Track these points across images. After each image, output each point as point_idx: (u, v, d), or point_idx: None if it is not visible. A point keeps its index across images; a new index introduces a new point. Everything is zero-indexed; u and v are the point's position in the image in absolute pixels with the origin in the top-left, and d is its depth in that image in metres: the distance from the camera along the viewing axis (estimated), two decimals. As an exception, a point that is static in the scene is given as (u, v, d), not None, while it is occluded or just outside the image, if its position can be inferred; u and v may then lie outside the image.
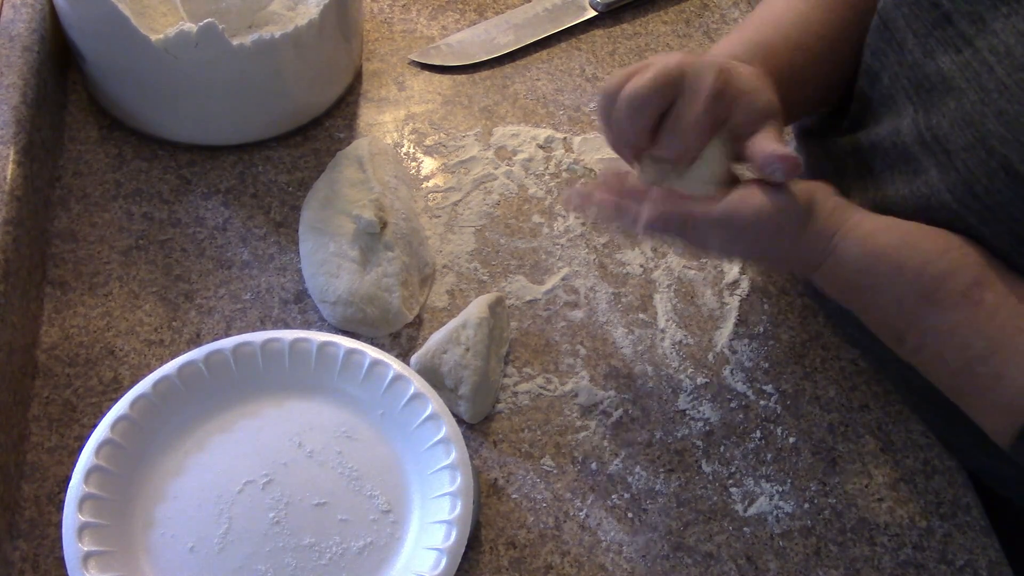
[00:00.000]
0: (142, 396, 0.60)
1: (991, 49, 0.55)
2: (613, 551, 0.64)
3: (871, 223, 0.59)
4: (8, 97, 0.73)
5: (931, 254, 0.57)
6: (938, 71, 0.58)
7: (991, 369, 0.55)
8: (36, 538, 0.62)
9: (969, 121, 0.55)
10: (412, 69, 0.90)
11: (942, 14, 0.58)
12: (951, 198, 0.57)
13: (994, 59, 0.54)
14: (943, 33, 0.58)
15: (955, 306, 0.56)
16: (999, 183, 0.54)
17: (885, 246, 0.58)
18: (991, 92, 0.54)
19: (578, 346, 0.73)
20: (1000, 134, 0.53)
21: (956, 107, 0.56)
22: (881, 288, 0.58)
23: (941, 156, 0.57)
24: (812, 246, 0.59)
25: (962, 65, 0.56)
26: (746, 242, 0.59)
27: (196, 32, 0.72)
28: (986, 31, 0.55)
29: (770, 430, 0.70)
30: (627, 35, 0.94)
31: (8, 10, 0.80)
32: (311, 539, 0.58)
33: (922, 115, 0.59)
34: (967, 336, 0.56)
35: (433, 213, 0.80)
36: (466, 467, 0.59)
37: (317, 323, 0.72)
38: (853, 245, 0.58)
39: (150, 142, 0.81)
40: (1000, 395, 0.55)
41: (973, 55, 0.56)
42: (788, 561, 0.65)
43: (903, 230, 0.58)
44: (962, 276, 0.56)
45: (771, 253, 0.60)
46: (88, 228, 0.76)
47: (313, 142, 0.83)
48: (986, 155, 0.54)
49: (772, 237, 0.58)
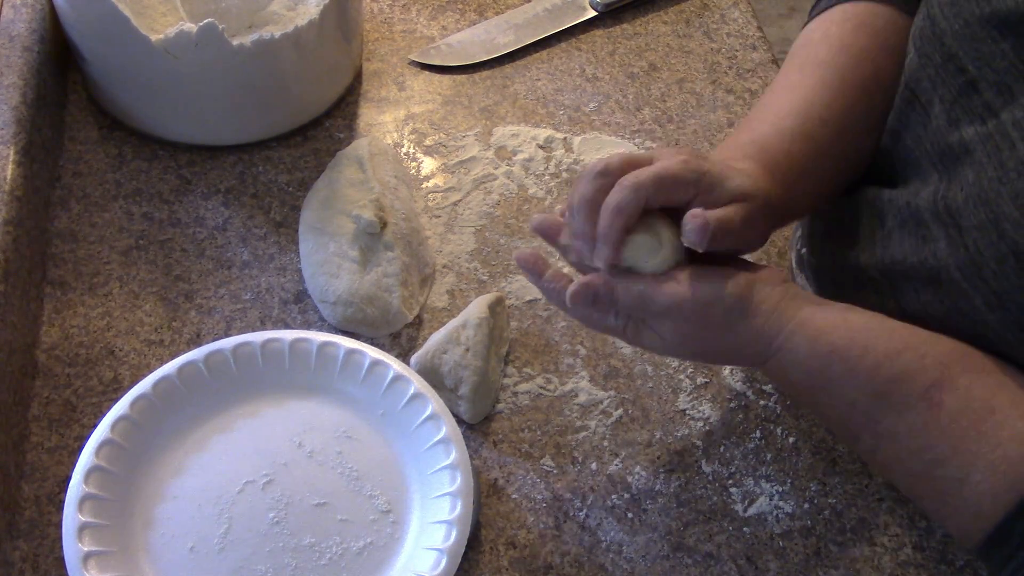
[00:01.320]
0: (142, 396, 0.60)
1: (1015, 123, 0.51)
2: (613, 551, 0.64)
3: (821, 319, 0.55)
4: (8, 97, 0.73)
5: (884, 356, 0.54)
6: (961, 141, 0.55)
7: (952, 473, 0.52)
8: (36, 538, 0.62)
9: (984, 199, 0.52)
10: (412, 69, 0.90)
11: (968, 81, 0.55)
12: (960, 276, 0.54)
13: (1017, 134, 0.51)
14: (969, 102, 0.55)
15: (912, 408, 0.53)
16: (1008, 269, 0.51)
17: (835, 347, 0.54)
18: (1009, 171, 0.51)
19: (578, 346, 0.73)
20: (1014, 217, 0.50)
21: (974, 181, 0.53)
22: (833, 390, 0.55)
23: (952, 230, 0.54)
24: (756, 342, 0.56)
25: (984, 137, 0.53)
26: (674, 334, 0.56)
27: (196, 32, 0.72)
28: (1013, 104, 0.52)
29: (770, 430, 0.70)
30: (627, 35, 0.94)
31: (8, 10, 0.80)
32: (311, 539, 0.58)
33: (944, 186, 0.56)
34: (926, 439, 0.53)
35: (433, 213, 0.80)
36: (466, 467, 0.59)
37: (317, 323, 0.72)
38: (802, 343, 0.55)
39: (150, 142, 0.81)
40: (964, 500, 0.52)
41: (996, 127, 0.52)
42: (788, 561, 0.65)
43: (856, 327, 0.55)
44: (920, 378, 0.53)
45: (706, 346, 0.57)
46: (88, 228, 0.76)
47: (313, 142, 0.83)
48: (997, 237, 0.51)
49: (699, 329, 0.55)
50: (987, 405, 0.52)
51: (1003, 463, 0.50)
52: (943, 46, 0.56)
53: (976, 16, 0.54)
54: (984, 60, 0.54)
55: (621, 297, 0.56)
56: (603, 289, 0.56)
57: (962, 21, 0.55)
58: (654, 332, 0.57)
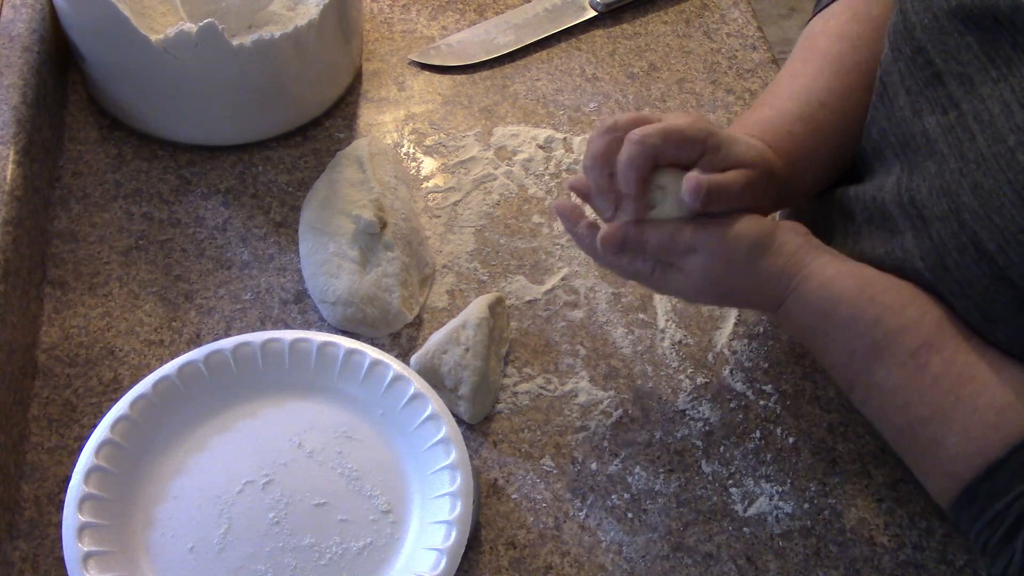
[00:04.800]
0: (142, 396, 0.60)
1: (975, 115, 0.53)
2: (613, 551, 0.64)
3: (835, 267, 0.58)
4: (8, 97, 0.74)
5: (888, 308, 0.56)
6: (924, 132, 0.57)
7: (931, 433, 0.55)
8: (36, 538, 0.62)
9: (946, 190, 0.54)
10: (412, 69, 0.90)
11: (934, 73, 0.56)
12: (924, 266, 0.56)
13: (977, 127, 0.53)
14: (934, 93, 0.56)
15: (902, 365, 0.55)
16: (968, 259, 0.53)
17: (844, 293, 0.57)
18: (970, 162, 0.52)
19: (578, 346, 0.73)
20: (973, 208, 0.52)
21: (936, 172, 0.55)
22: (835, 335, 0.58)
23: (917, 221, 0.56)
24: (772, 284, 0.58)
25: (946, 128, 0.55)
26: (699, 271, 0.58)
27: (196, 32, 0.72)
28: (973, 95, 0.54)
29: (770, 430, 0.70)
30: (627, 35, 0.94)
31: (8, 10, 0.80)
32: (311, 539, 0.58)
33: (905, 176, 0.58)
34: (909, 397, 0.55)
35: (433, 213, 0.80)
36: (466, 467, 0.59)
37: (317, 323, 0.72)
38: (814, 288, 0.57)
39: (150, 142, 0.81)
40: (939, 459, 0.55)
41: (958, 119, 0.54)
42: (788, 561, 0.65)
43: (865, 279, 0.58)
44: (914, 335, 0.55)
45: (727, 286, 0.59)
46: (88, 228, 0.76)
47: (313, 142, 0.83)
48: (958, 228, 0.53)
49: (722, 264, 0.58)
50: (968, 372, 0.54)
51: (976, 429, 0.53)
52: (913, 40, 0.58)
53: (944, 10, 0.56)
54: (950, 53, 0.55)
55: (650, 238, 0.58)
56: (632, 232, 0.58)
57: (931, 15, 0.57)
58: (680, 271, 0.59)
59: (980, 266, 0.52)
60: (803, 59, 0.69)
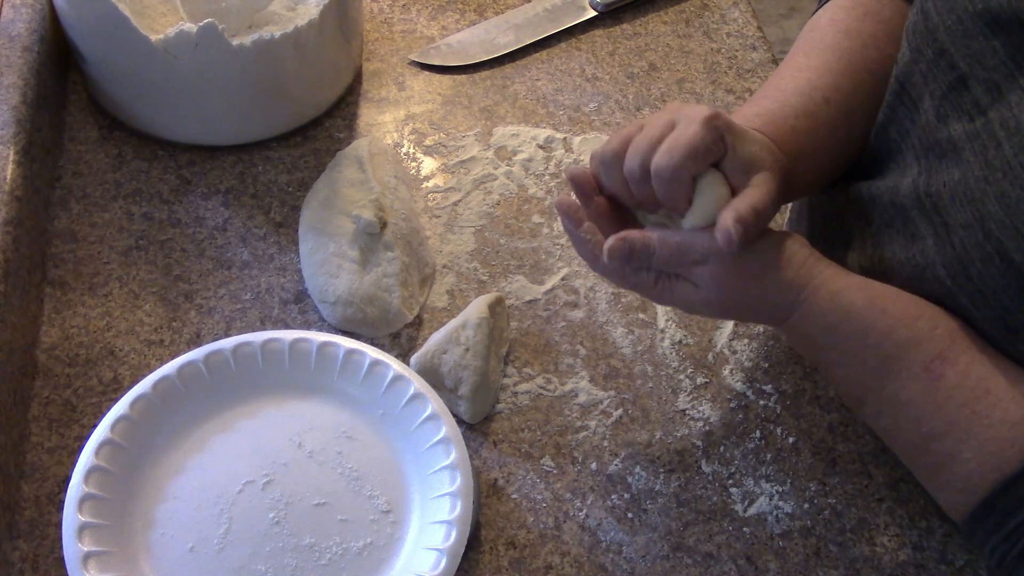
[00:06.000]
0: (142, 396, 0.60)
1: (1003, 123, 0.51)
2: (613, 551, 0.64)
3: (843, 280, 0.57)
4: (8, 97, 0.74)
5: (899, 320, 0.55)
6: (949, 138, 0.55)
7: (945, 447, 0.54)
8: (36, 538, 0.62)
9: (970, 198, 0.52)
10: (412, 69, 0.90)
11: (959, 77, 0.55)
12: (945, 274, 0.55)
13: (1004, 134, 0.51)
14: (958, 98, 0.55)
15: (915, 378, 0.54)
16: (993, 269, 0.51)
17: (854, 305, 0.56)
18: (996, 171, 0.51)
19: (578, 346, 0.73)
20: (999, 218, 0.50)
21: (960, 179, 0.53)
22: (846, 349, 0.57)
23: (940, 228, 0.55)
24: (781, 296, 0.57)
25: (972, 135, 0.53)
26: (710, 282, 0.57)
27: (196, 32, 0.72)
28: (1001, 102, 0.52)
29: (770, 430, 0.70)
30: (627, 35, 0.94)
31: (8, 10, 0.80)
32: (311, 539, 0.58)
33: (924, 179, 0.57)
34: (923, 411, 0.54)
35: (433, 213, 0.80)
36: (466, 467, 0.59)
37: (317, 323, 0.72)
38: (823, 301, 0.56)
39: (150, 142, 0.81)
40: (954, 474, 0.54)
41: (984, 126, 0.52)
42: (788, 561, 0.65)
43: (874, 292, 0.57)
44: (926, 348, 0.54)
45: (736, 298, 0.58)
46: (88, 228, 0.76)
47: (313, 142, 0.83)
48: (983, 237, 0.51)
49: (733, 276, 0.57)
50: (983, 385, 0.53)
51: (992, 443, 0.52)
52: (935, 41, 0.57)
53: (969, 12, 0.54)
54: (975, 57, 0.54)
55: (658, 249, 0.57)
56: (640, 243, 0.57)
57: (955, 17, 0.55)
58: (688, 283, 0.58)
59: (1006, 277, 0.51)
60: (808, 52, 0.67)
